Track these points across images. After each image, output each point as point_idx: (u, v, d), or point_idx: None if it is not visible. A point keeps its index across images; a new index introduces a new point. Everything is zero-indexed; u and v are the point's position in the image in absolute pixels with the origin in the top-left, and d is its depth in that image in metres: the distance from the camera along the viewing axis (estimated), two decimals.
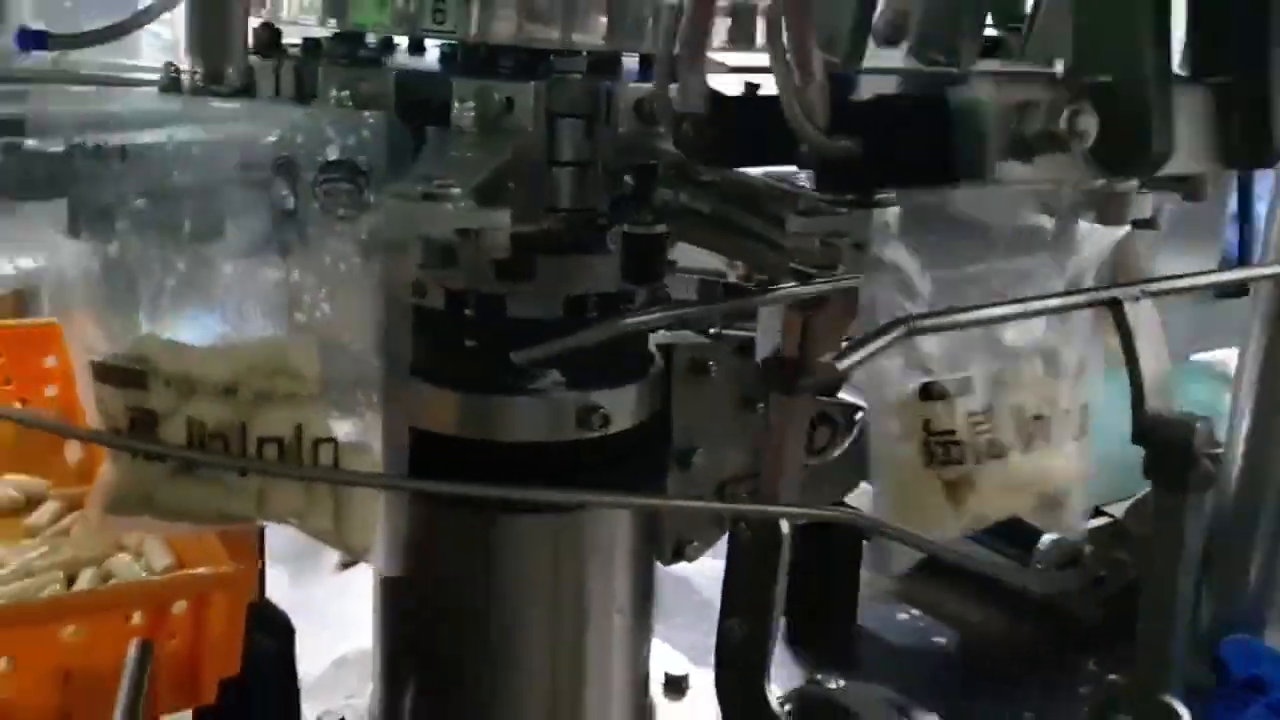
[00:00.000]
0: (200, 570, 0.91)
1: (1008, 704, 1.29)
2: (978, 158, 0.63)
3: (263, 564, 0.99)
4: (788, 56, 0.62)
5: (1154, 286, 0.78)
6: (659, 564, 1.09)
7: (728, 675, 0.94)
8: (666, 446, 1.02)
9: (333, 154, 0.63)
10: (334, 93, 0.85)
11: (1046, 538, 1.26)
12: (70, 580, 0.98)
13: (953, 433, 0.76)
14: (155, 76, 0.94)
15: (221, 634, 0.90)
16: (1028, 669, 1.33)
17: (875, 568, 1.39)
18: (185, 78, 0.90)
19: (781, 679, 1.02)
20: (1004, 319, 0.77)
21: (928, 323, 0.72)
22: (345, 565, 0.95)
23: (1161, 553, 0.70)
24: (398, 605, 1.10)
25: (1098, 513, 1.28)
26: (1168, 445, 0.70)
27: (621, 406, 0.98)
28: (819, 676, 1.02)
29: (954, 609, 1.37)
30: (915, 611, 1.42)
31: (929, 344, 0.75)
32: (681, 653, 1.21)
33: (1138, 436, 0.72)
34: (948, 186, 0.65)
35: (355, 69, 0.86)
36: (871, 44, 0.79)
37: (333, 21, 0.89)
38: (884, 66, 0.80)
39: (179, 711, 0.92)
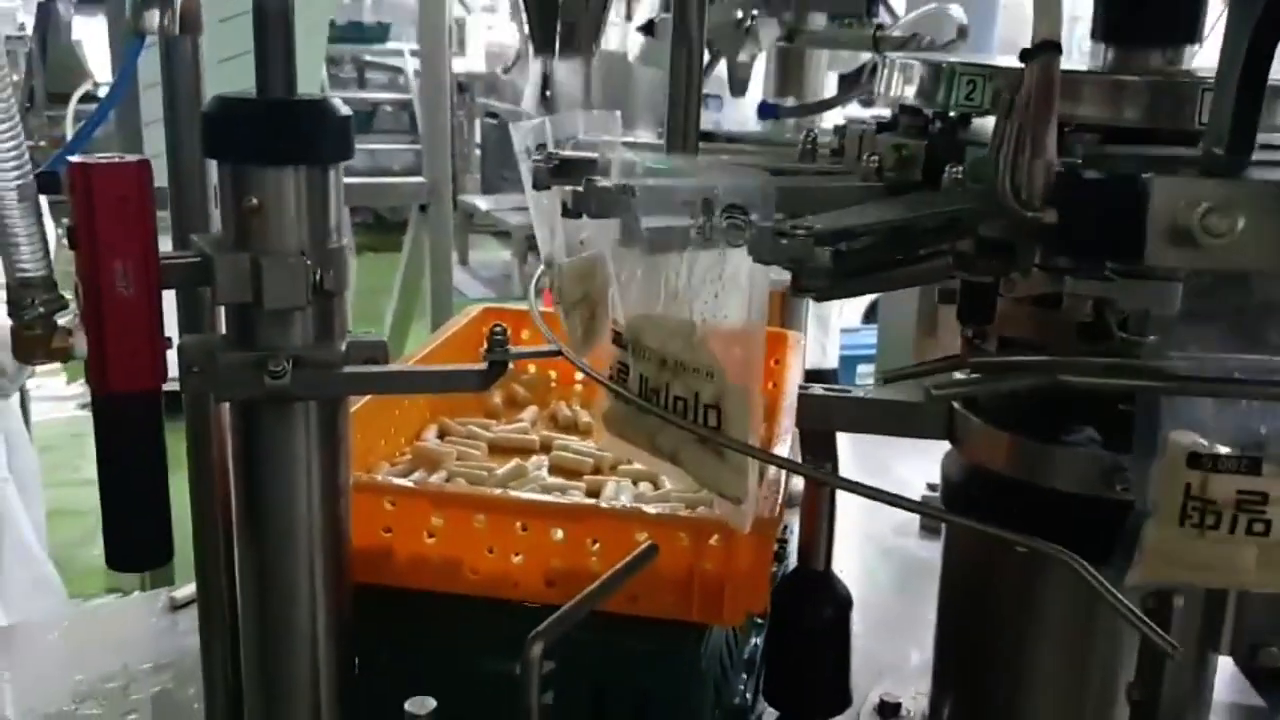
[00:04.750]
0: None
1: None
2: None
3: (830, 532, 1.21)
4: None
5: None
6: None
7: None
8: None
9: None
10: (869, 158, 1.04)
11: None
12: (690, 508, 1.30)
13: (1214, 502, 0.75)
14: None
15: (746, 570, 1.14)
16: None
17: None
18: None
19: None
20: None
21: None
22: None
23: None
24: (946, 619, 1.24)
25: None
26: None
27: None
28: None
29: None
30: None
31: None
32: None
33: None
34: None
35: (900, 137, 1.05)
36: None
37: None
38: None
39: (710, 621, 1.18)
